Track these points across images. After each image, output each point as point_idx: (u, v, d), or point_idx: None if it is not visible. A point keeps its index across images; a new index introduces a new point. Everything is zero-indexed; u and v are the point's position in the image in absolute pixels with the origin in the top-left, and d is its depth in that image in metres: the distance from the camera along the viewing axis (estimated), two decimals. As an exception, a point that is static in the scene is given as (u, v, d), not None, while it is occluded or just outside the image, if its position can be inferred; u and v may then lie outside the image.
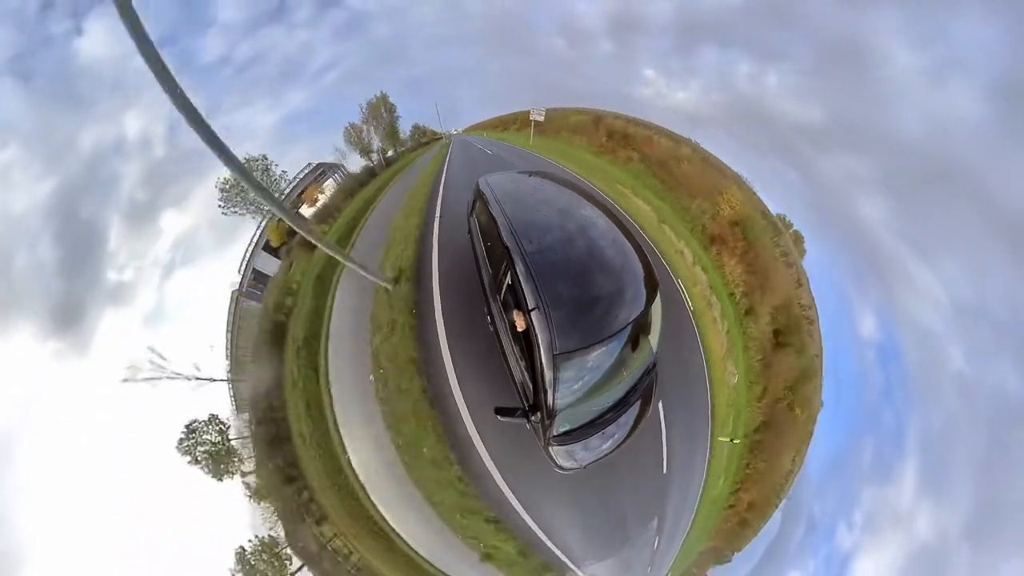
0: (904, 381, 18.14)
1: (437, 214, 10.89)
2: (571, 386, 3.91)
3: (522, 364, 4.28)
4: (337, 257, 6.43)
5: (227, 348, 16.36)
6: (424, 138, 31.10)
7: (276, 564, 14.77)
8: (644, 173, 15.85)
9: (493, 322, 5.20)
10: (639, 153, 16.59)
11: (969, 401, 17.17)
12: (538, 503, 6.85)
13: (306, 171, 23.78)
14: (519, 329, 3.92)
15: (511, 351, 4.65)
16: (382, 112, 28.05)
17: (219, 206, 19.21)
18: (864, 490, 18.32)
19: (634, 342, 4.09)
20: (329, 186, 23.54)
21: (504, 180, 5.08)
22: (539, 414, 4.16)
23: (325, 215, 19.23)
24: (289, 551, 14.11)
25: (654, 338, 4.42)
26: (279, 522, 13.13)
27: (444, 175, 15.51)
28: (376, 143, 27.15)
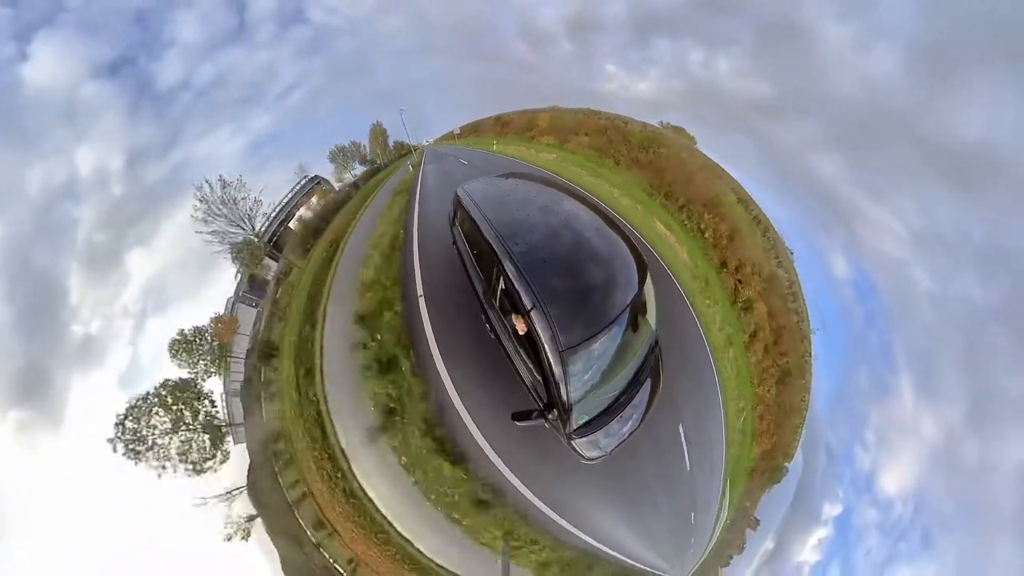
0: (882, 308, 20.38)
1: (415, 233, 10.50)
2: (582, 377, 3.89)
3: (530, 365, 4.25)
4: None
5: (223, 400, 15.43)
6: (401, 151, 30.29)
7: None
8: (620, 167, 16.15)
9: (493, 329, 5.15)
10: (605, 137, 16.84)
11: (941, 313, 19.46)
12: (572, 507, 6.74)
13: (299, 185, 23.24)
14: (520, 332, 3.89)
15: (516, 355, 4.60)
16: (380, 138, 28.17)
17: (193, 217, 16.26)
18: (870, 411, 20.09)
19: (634, 324, 4.10)
20: (313, 203, 22.99)
21: (482, 186, 5.03)
22: (555, 411, 4.12)
23: (308, 234, 18.90)
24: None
25: (651, 316, 4.44)
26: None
27: (419, 189, 14.92)
28: (357, 166, 26.89)
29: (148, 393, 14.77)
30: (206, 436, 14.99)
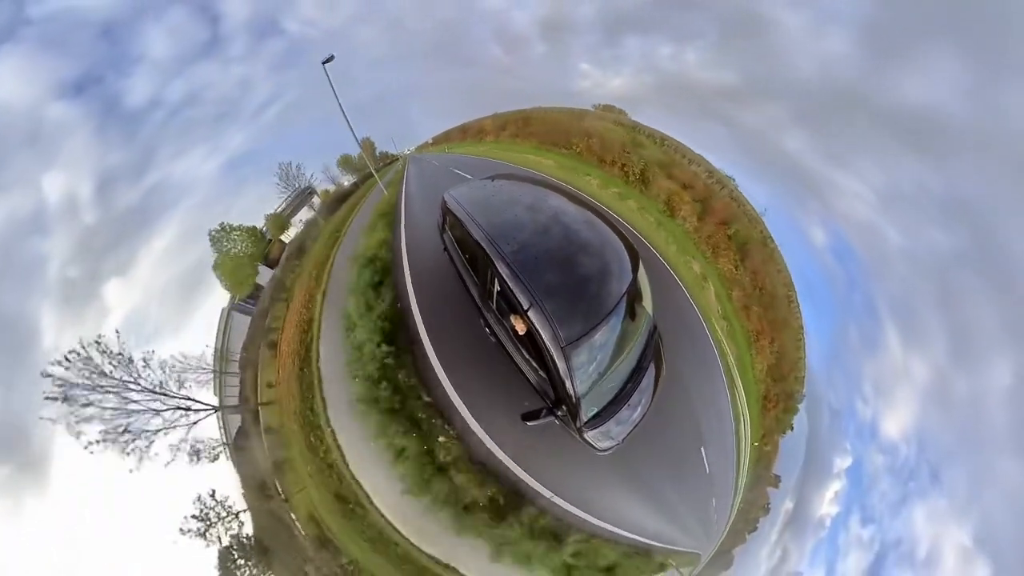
0: (861, 268, 21.85)
1: (403, 243, 10.24)
2: (586, 370, 3.86)
3: (533, 364, 4.21)
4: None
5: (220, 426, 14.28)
6: (384, 161, 29.53)
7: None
8: (598, 164, 16.50)
9: (494, 333, 5.09)
10: (585, 141, 17.25)
11: (914, 264, 21.18)
12: (594, 501, 6.70)
13: (291, 196, 22.50)
14: (520, 332, 3.84)
15: (519, 355, 4.56)
16: (370, 150, 27.09)
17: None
18: (863, 365, 21.52)
19: (631, 311, 4.09)
20: (302, 215, 22.39)
21: (468, 190, 4.99)
22: (564, 407, 4.09)
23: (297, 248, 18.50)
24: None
25: (647, 302, 4.45)
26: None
27: (403, 199, 14.62)
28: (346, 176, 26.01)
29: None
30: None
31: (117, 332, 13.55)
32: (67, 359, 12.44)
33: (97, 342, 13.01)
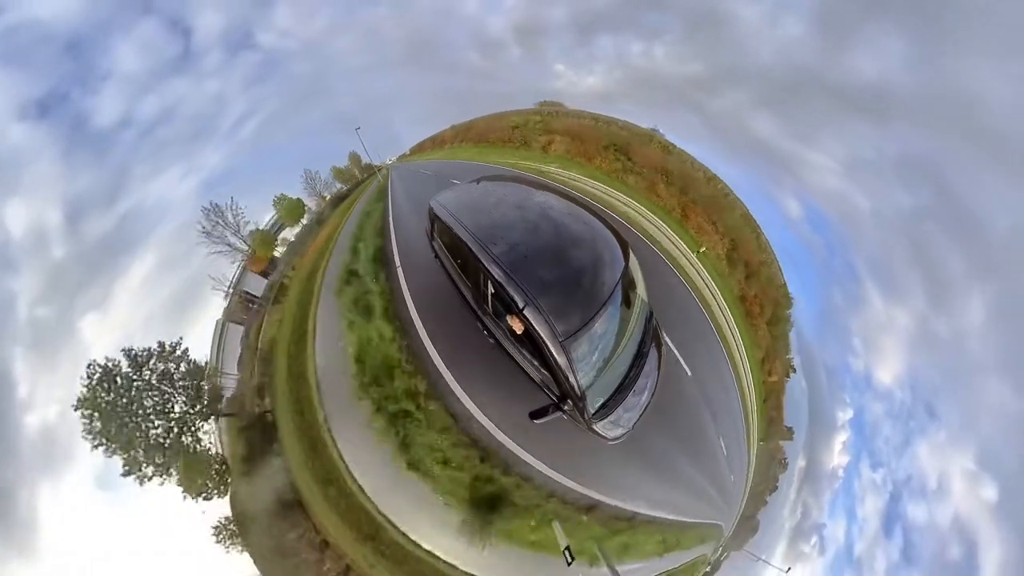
0: (836, 233, 24.29)
1: (396, 258, 9.90)
2: (588, 361, 3.83)
3: (535, 362, 4.17)
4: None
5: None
6: (368, 171, 28.23)
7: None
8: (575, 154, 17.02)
9: (492, 335, 5.04)
10: (565, 137, 17.82)
11: (883, 224, 23.45)
12: (618, 487, 6.73)
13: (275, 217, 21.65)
14: (518, 331, 3.79)
15: (520, 355, 4.51)
16: (357, 163, 25.96)
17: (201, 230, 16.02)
18: (850, 322, 24.00)
19: (626, 299, 4.07)
20: (287, 232, 21.72)
21: (454, 195, 4.92)
22: (570, 401, 4.06)
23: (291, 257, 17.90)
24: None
25: (641, 289, 4.43)
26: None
27: (390, 209, 14.05)
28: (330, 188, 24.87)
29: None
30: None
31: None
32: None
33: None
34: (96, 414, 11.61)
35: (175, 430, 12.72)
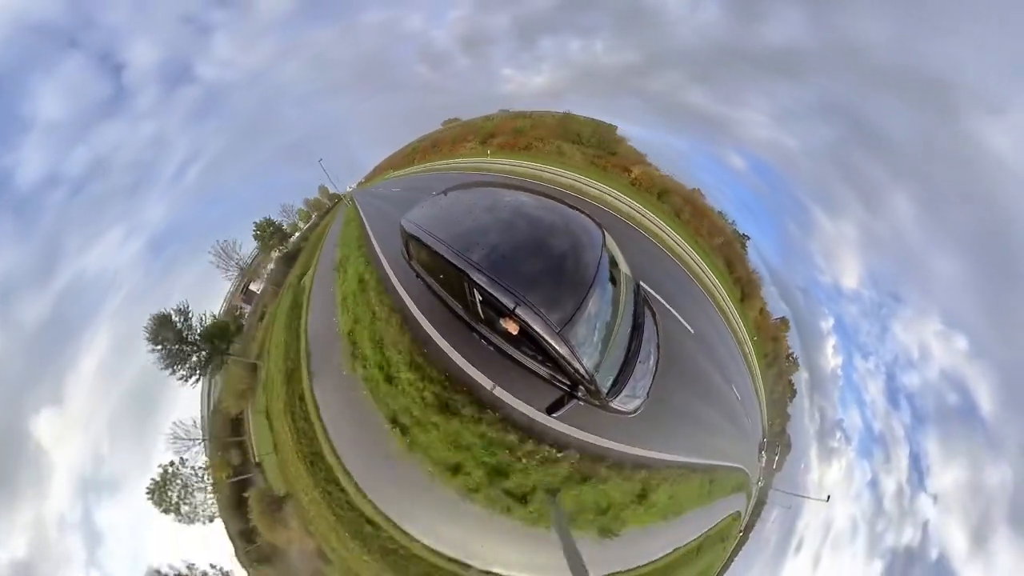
0: (776, 176, 27.79)
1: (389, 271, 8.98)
2: (589, 344, 3.81)
3: (539, 359, 4.11)
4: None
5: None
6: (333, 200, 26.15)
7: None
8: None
9: (491, 342, 4.94)
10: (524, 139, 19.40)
11: (814, 157, 27.38)
12: (650, 440, 6.66)
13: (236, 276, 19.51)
14: (514, 333, 3.73)
15: (521, 355, 4.45)
16: (326, 194, 23.97)
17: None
18: (809, 246, 27.10)
19: (611, 277, 4.06)
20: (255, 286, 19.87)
21: (423, 210, 4.81)
22: (582, 387, 4.03)
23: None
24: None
25: (623, 264, 4.45)
26: None
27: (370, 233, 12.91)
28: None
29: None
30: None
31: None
32: None
33: None
34: None
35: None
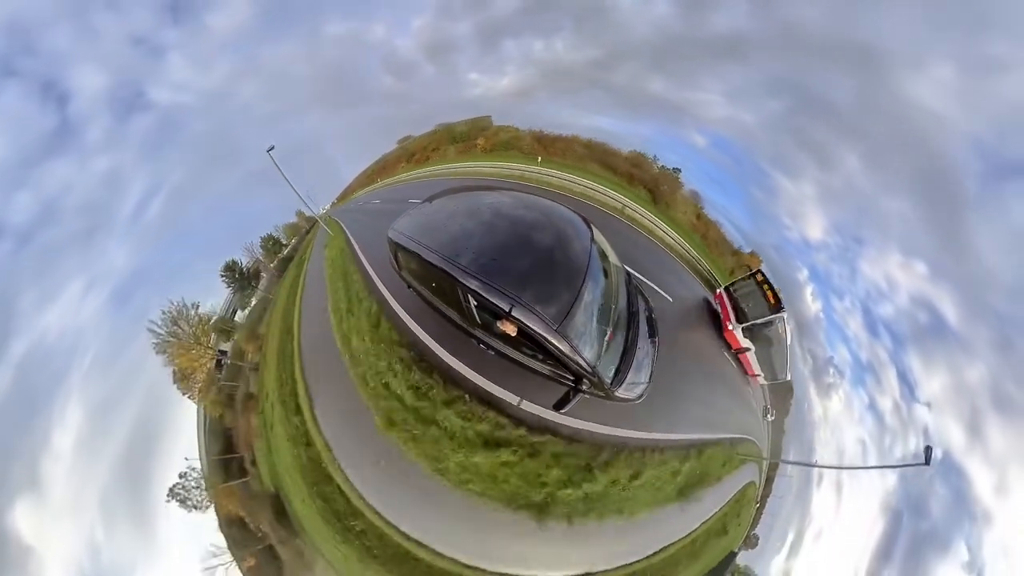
0: (737, 147, 29.81)
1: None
2: (588, 336, 3.81)
3: (540, 357, 4.09)
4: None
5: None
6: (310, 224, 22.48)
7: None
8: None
9: (490, 346, 4.88)
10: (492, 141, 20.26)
11: (767, 126, 30.29)
12: (658, 422, 6.68)
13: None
14: (512, 334, 3.70)
15: (522, 355, 4.42)
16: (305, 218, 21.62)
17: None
18: (775, 208, 29.14)
19: (602, 266, 4.08)
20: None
21: (409, 220, 4.74)
22: (585, 381, 4.03)
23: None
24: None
25: (612, 255, 4.47)
26: None
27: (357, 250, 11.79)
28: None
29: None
30: None
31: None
32: None
33: None
34: None
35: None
